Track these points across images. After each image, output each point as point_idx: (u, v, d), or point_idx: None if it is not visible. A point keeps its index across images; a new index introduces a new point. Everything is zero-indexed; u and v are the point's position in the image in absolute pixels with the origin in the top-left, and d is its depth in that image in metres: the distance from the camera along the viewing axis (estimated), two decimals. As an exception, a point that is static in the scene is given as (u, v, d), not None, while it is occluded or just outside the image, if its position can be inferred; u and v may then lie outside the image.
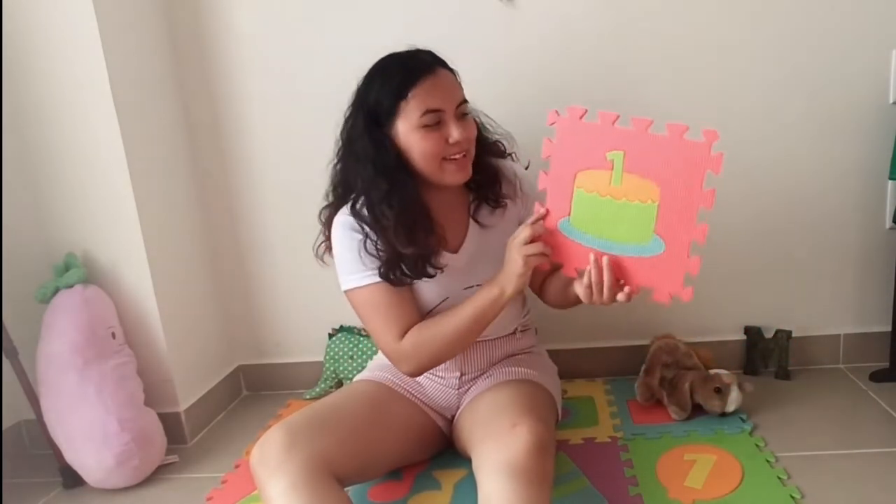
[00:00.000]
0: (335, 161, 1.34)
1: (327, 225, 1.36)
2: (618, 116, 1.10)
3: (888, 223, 1.73)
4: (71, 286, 1.57)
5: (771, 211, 1.75)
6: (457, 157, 1.25)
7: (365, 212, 1.26)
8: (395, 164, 1.25)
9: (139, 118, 1.64)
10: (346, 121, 1.30)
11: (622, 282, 1.15)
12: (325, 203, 1.38)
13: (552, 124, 1.15)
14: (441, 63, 1.27)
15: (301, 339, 1.97)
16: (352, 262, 1.28)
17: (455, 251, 1.34)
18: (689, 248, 1.09)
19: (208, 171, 1.88)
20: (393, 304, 1.28)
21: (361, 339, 1.87)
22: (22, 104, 1.59)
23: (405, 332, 1.28)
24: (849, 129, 1.69)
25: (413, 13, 1.72)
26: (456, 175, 1.27)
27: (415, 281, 1.29)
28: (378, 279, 1.27)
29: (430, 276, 1.29)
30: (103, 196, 1.61)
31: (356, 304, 1.32)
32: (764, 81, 1.68)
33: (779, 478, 1.34)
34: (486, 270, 1.28)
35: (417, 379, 1.43)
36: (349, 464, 1.21)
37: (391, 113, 1.23)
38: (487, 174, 1.36)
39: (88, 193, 1.62)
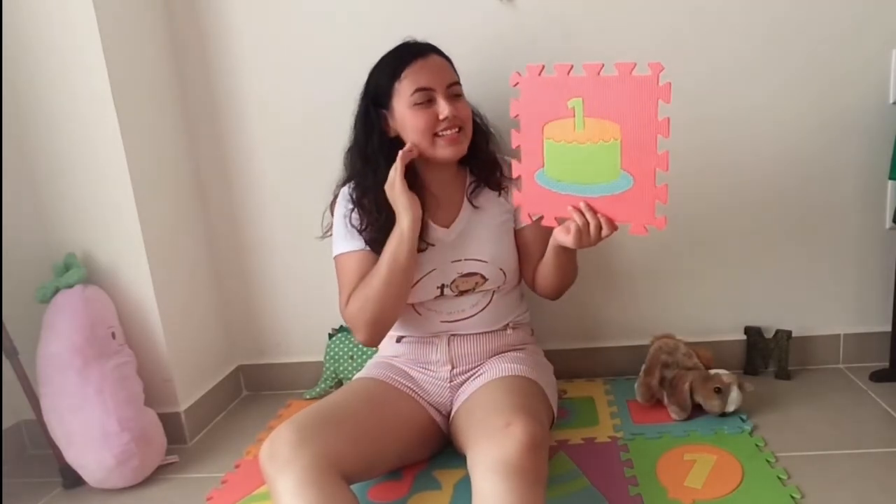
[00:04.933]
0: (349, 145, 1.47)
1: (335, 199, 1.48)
2: (572, 66, 1.16)
3: (888, 223, 1.73)
4: (71, 286, 1.57)
5: (771, 211, 1.75)
6: (448, 132, 1.34)
7: (353, 193, 1.40)
8: (380, 151, 1.36)
9: (139, 118, 1.64)
10: (357, 109, 1.43)
11: (603, 218, 1.20)
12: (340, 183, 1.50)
13: (515, 85, 1.21)
14: (434, 49, 1.39)
15: (301, 339, 1.97)
16: (341, 228, 1.41)
17: (447, 226, 1.42)
18: (655, 177, 1.14)
19: (208, 170, 1.88)
20: (361, 272, 1.36)
21: (361, 339, 1.88)
22: (22, 104, 1.59)
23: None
24: (849, 129, 1.69)
25: (413, 13, 1.71)
26: (447, 150, 1.36)
27: None
28: (364, 247, 1.38)
29: (420, 251, 1.36)
30: (103, 196, 1.61)
31: (336, 270, 1.43)
32: (764, 81, 1.68)
33: (779, 478, 1.34)
34: (474, 247, 1.42)
35: (410, 373, 1.46)
36: (356, 461, 1.22)
37: (388, 94, 1.36)
38: (487, 161, 1.46)
39: (88, 193, 1.61)
